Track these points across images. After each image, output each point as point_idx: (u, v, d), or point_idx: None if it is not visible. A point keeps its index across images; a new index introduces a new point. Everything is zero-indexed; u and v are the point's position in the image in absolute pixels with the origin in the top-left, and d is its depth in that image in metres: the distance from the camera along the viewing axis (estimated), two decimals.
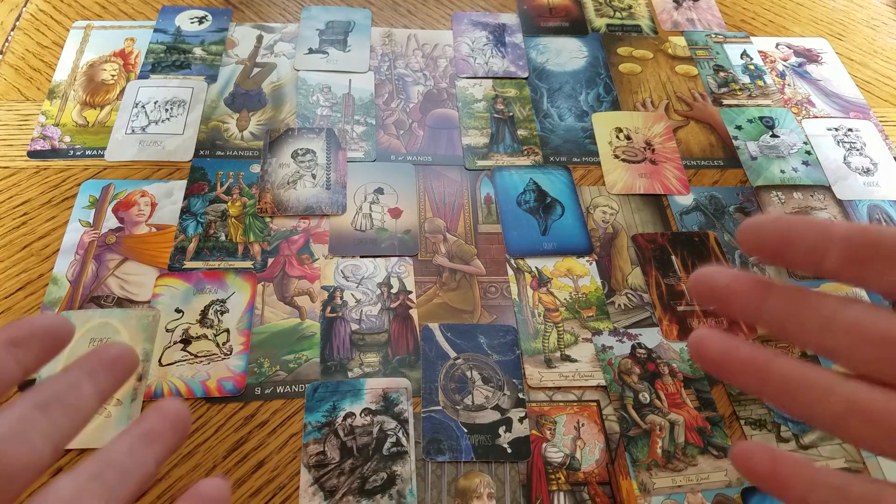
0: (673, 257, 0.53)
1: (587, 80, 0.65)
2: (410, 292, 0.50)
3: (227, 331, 0.46)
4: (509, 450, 0.43)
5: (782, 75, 0.67)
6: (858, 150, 0.61)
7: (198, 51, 0.63)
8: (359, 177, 0.56)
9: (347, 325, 0.47)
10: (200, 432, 0.43)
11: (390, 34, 0.67)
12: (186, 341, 0.46)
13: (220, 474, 0.41)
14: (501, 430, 0.43)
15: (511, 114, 0.61)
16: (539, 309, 0.49)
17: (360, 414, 0.43)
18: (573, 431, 0.44)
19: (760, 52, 0.69)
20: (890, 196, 0.58)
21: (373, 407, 0.44)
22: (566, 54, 0.67)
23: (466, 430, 0.43)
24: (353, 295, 0.49)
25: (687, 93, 0.65)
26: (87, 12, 0.66)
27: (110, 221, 0.51)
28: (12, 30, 0.64)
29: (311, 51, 0.64)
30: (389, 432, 0.43)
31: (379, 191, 0.55)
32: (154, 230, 0.51)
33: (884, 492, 0.19)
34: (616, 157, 0.59)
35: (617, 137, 0.60)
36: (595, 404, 0.45)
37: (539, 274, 0.51)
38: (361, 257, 0.51)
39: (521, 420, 0.44)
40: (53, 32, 0.64)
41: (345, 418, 0.43)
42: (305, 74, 0.62)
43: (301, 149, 0.57)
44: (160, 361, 0.45)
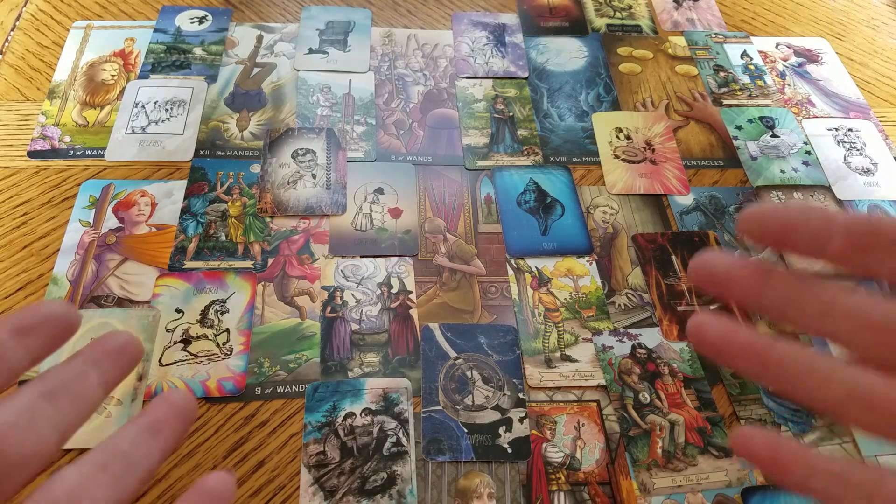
0: (673, 257, 0.53)
1: (587, 80, 0.65)
2: (410, 292, 0.50)
3: (228, 331, 0.46)
4: (509, 450, 0.43)
5: (782, 75, 0.67)
6: (858, 150, 0.61)
7: (198, 51, 0.63)
8: (359, 177, 0.56)
9: (347, 325, 0.47)
10: (200, 432, 0.43)
11: (390, 34, 0.67)
12: (186, 341, 0.46)
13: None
14: (501, 430, 0.43)
15: (511, 114, 0.61)
16: (539, 309, 0.49)
17: (361, 414, 0.43)
18: (573, 431, 0.44)
19: (760, 52, 0.69)
20: (890, 196, 0.58)
21: (373, 407, 0.44)
22: (566, 54, 0.67)
23: (466, 430, 0.43)
24: (354, 295, 0.49)
25: (687, 93, 0.65)
26: (87, 12, 0.66)
27: (110, 221, 0.51)
28: (12, 30, 0.64)
29: (311, 51, 0.64)
30: (389, 432, 0.43)
31: (379, 191, 0.55)
32: (154, 230, 0.51)
33: (885, 479, 0.19)
34: (616, 157, 0.59)
35: (617, 137, 0.60)
36: (595, 404, 0.45)
37: (539, 274, 0.51)
38: (361, 257, 0.51)
39: (522, 420, 0.44)
40: (53, 32, 0.64)
41: (345, 418, 0.43)
42: (305, 74, 0.62)
43: (301, 149, 0.57)
44: (160, 361, 0.45)
